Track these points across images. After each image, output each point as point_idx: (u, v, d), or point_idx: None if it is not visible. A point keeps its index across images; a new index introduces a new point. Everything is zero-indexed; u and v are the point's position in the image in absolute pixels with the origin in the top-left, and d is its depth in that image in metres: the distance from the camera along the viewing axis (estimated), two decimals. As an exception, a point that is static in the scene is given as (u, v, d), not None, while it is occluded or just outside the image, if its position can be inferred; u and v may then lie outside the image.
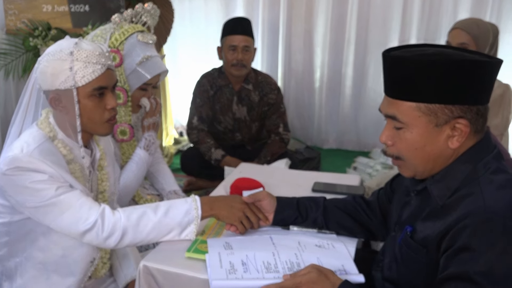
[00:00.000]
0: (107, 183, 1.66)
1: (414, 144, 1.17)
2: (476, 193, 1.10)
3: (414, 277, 1.22)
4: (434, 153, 1.17)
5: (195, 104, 3.33)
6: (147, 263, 1.37)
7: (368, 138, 4.39)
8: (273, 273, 1.29)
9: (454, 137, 1.14)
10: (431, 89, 1.12)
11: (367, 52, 4.23)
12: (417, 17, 4.01)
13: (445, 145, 1.16)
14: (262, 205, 1.55)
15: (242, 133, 3.40)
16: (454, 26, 2.57)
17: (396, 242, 1.28)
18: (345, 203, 1.58)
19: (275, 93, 3.32)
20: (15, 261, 1.51)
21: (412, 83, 1.14)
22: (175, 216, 1.45)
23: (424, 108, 1.13)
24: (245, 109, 3.31)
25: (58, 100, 1.45)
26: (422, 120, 1.14)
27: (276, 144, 3.27)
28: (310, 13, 4.26)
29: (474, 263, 1.03)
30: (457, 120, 1.13)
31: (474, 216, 1.06)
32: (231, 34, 3.17)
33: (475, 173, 1.14)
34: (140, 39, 2.01)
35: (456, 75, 1.10)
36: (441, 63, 1.10)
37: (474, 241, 1.04)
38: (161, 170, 2.41)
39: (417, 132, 1.16)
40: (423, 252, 1.17)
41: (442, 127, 1.14)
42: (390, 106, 1.20)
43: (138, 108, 2.15)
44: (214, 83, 3.31)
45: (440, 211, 1.16)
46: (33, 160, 1.37)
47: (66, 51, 1.41)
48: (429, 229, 1.16)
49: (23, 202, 1.39)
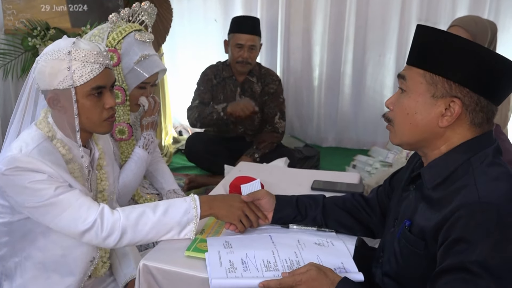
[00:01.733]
0: (106, 182, 1.66)
1: (407, 109, 1.21)
2: (470, 184, 1.11)
3: (414, 271, 1.22)
4: (422, 124, 1.20)
5: (199, 91, 3.41)
6: (147, 262, 1.37)
7: (367, 136, 4.40)
8: (273, 271, 1.29)
9: (445, 116, 1.17)
10: (440, 61, 1.16)
11: (366, 50, 4.23)
12: (415, 15, 4.02)
13: (435, 121, 1.18)
14: (261, 203, 1.55)
15: (245, 125, 3.44)
16: (453, 23, 2.58)
17: (395, 237, 1.28)
18: (344, 201, 1.58)
19: (276, 84, 3.42)
20: (15, 261, 1.51)
21: (427, 52, 1.18)
22: (174, 215, 1.45)
23: (428, 77, 1.18)
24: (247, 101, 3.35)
25: (56, 99, 1.44)
26: (422, 87, 1.18)
27: (266, 134, 3.34)
28: (308, 11, 4.27)
29: (470, 254, 1.04)
30: (452, 98, 1.15)
31: (468, 207, 1.07)
32: (239, 32, 3.24)
33: (470, 165, 1.15)
34: (137, 38, 2.01)
35: (469, 57, 1.13)
36: (462, 41, 1.14)
37: (469, 232, 1.05)
38: (160, 169, 2.41)
39: (414, 98, 1.20)
40: (421, 245, 1.17)
41: (438, 100, 1.17)
42: (404, 70, 1.25)
43: (137, 107, 2.15)
44: (218, 74, 3.39)
45: (437, 203, 1.16)
46: (32, 160, 1.37)
47: (64, 51, 1.41)
48: (426, 221, 1.17)
49: (22, 202, 1.39)
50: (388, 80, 4.23)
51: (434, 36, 1.18)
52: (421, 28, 1.22)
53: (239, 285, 1.25)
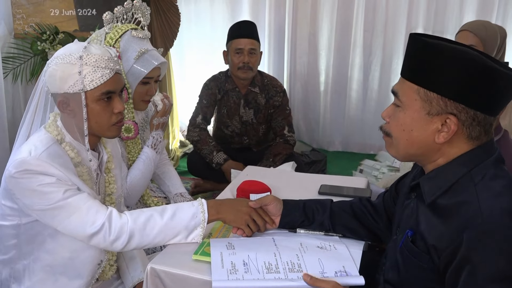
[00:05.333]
0: (114, 185, 1.67)
1: (403, 125, 1.19)
2: (473, 202, 1.09)
3: (415, 281, 1.21)
4: (418, 141, 1.18)
5: (201, 105, 3.35)
6: (155, 265, 1.37)
7: (374, 140, 4.38)
8: (274, 273, 1.29)
9: (442, 132, 1.14)
10: (434, 77, 1.12)
11: (373, 55, 4.23)
12: (422, 20, 4.01)
13: (431, 138, 1.16)
14: (269, 208, 1.55)
15: (250, 136, 3.41)
16: (462, 28, 2.56)
17: (397, 246, 1.27)
18: (351, 205, 1.58)
19: (281, 96, 3.34)
20: (23, 263, 1.52)
21: (418, 66, 1.16)
22: (181, 220, 1.46)
23: (422, 93, 1.14)
24: (252, 112, 3.32)
25: (66, 103, 1.45)
26: (417, 104, 1.16)
27: (279, 146, 3.28)
28: (315, 16, 4.27)
29: (479, 276, 1.02)
30: (448, 115, 1.12)
31: (473, 231, 1.05)
32: (237, 38, 3.18)
33: (471, 179, 1.13)
34: (134, 34, 2.04)
35: (461, 71, 1.09)
36: (451, 53, 1.10)
37: (476, 254, 1.03)
38: (168, 173, 2.42)
39: (409, 114, 1.17)
40: (426, 259, 1.15)
41: (433, 117, 1.14)
42: (398, 83, 1.23)
43: (144, 104, 2.14)
44: (221, 88, 3.32)
45: (440, 210, 1.15)
46: (41, 163, 1.38)
47: (76, 55, 1.42)
48: (428, 234, 1.15)
49: (31, 205, 1.40)
50: (395, 85, 4.22)
51: (425, 49, 1.13)
52: (413, 38, 1.18)
53: (239, 286, 1.26)
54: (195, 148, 3.33)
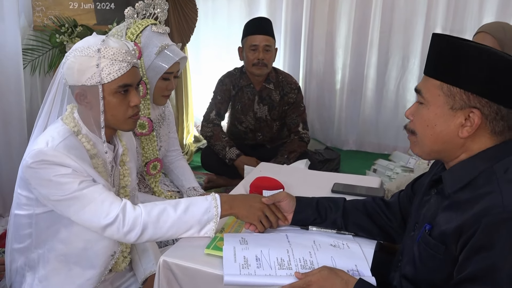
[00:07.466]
0: (128, 178, 1.68)
1: (427, 121, 1.21)
2: (495, 192, 1.10)
3: (433, 275, 1.21)
4: (442, 136, 1.19)
5: (215, 100, 3.36)
6: (167, 258, 1.38)
7: (388, 140, 4.36)
8: (286, 270, 1.29)
9: (465, 126, 1.16)
10: (457, 72, 1.14)
11: (390, 54, 4.21)
12: (441, 20, 3.97)
13: (455, 132, 1.17)
14: (282, 205, 1.55)
15: (264, 133, 3.41)
16: (480, 29, 2.53)
17: (415, 241, 1.28)
18: (364, 204, 1.58)
19: (295, 92, 3.33)
20: (38, 252, 1.54)
21: (442, 62, 1.17)
22: (194, 214, 1.46)
23: (445, 89, 1.16)
24: (266, 108, 3.32)
25: (83, 95, 1.47)
26: (440, 100, 1.17)
27: (294, 143, 3.27)
28: (332, 14, 4.26)
29: (494, 263, 1.03)
30: (471, 109, 1.14)
31: (493, 215, 1.06)
32: (252, 34, 3.18)
33: (493, 174, 1.14)
34: (154, 30, 2.06)
35: (484, 66, 1.11)
36: (478, 50, 1.12)
37: (493, 240, 1.04)
38: (181, 167, 2.43)
39: (433, 110, 1.19)
40: (441, 249, 1.16)
41: (457, 112, 1.16)
42: (421, 82, 1.24)
43: (164, 99, 2.16)
44: (236, 84, 3.33)
45: (459, 205, 1.15)
46: (57, 154, 1.39)
47: (94, 48, 1.43)
48: (447, 224, 1.16)
49: (47, 195, 1.42)
50: (412, 85, 4.19)
51: (449, 46, 1.16)
52: (436, 37, 1.21)
53: (251, 281, 1.26)
54: (209, 143, 3.34)
